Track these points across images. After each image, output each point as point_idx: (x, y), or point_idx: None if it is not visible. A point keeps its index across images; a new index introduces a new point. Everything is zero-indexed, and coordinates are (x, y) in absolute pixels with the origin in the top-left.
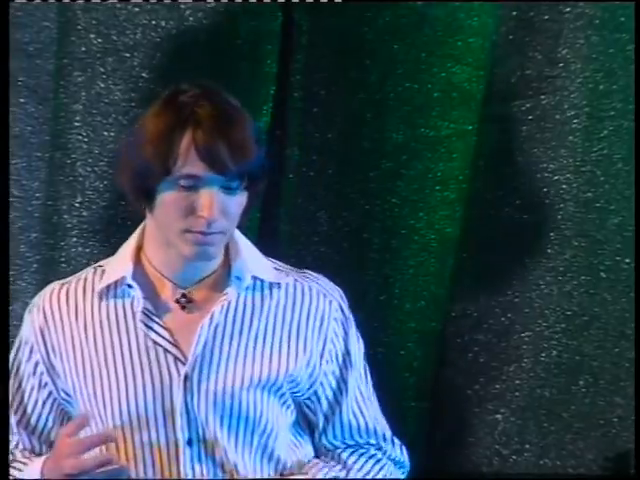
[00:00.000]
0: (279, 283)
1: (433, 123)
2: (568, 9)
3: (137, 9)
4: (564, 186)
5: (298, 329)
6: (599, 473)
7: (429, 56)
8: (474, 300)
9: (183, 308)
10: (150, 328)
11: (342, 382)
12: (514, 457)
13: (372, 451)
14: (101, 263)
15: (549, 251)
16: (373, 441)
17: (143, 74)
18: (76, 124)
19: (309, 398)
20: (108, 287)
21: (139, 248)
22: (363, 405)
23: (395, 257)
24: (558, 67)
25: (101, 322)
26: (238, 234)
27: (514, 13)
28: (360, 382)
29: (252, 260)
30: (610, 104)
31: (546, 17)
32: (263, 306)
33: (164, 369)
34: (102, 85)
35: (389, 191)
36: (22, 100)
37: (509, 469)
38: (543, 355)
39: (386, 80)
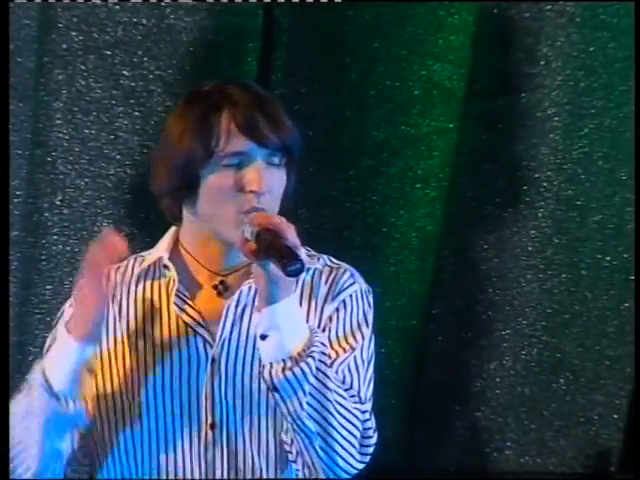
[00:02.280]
0: (308, 268)
1: (414, 121)
2: (549, 7)
3: (118, 7)
4: (545, 184)
5: (322, 312)
6: (580, 471)
7: (410, 54)
8: (455, 298)
9: (219, 294)
10: (183, 310)
11: (345, 342)
12: (495, 455)
13: (352, 392)
14: (142, 253)
15: (529, 249)
16: (354, 393)
17: (124, 72)
18: (57, 122)
19: None
20: (147, 269)
21: (176, 241)
22: (355, 371)
23: (376, 255)
24: (539, 65)
25: (136, 302)
26: None
27: (495, 11)
28: (361, 356)
29: None
30: (591, 102)
31: (527, 15)
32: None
33: (193, 351)
34: (83, 83)
35: (370, 189)
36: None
37: (490, 467)
38: (524, 353)
39: (367, 78)
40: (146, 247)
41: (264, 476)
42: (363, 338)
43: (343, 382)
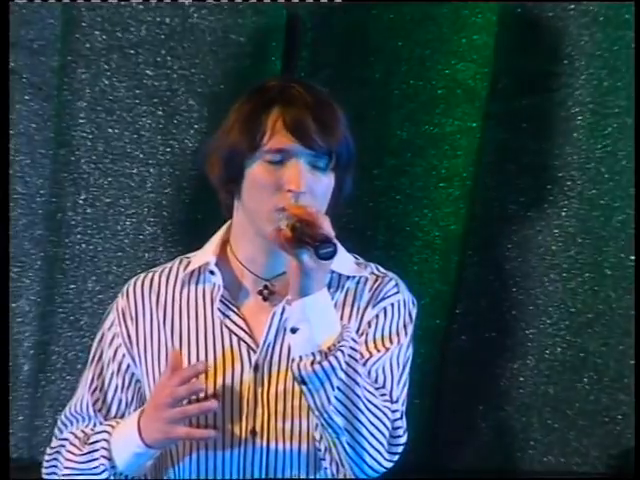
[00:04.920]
0: (355, 276)
1: (437, 120)
2: (572, 6)
3: (141, 6)
4: (568, 183)
5: (362, 318)
6: (603, 470)
7: (433, 53)
8: (478, 297)
9: (265, 299)
10: (227, 316)
11: (381, 344)
12: (518, 454)
13: (383, 391)
14: (188, 255)
15: (553, 248)
16: (385, 392)
17: (147, 71)
18: (80, 121)
19: None
20: (191, 273)
21: (225, 242)
22: (389, 371)
23: (399, 254)
24: (562, 64)
25: (180, 307)
26: None
27: (518, 10)
28: (396, 360)
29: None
30: (614, 101)
31: (550, 14)
32: (337, 298)
33: (236, 357)
34: (106, 82)
35: (393, 188)
36: (26, 97)
37: (513, 466)
38: (547, 352)
39: (390, 77)
40: (169, 247)
41: None
42: (400, 342)
43: (376, 381)
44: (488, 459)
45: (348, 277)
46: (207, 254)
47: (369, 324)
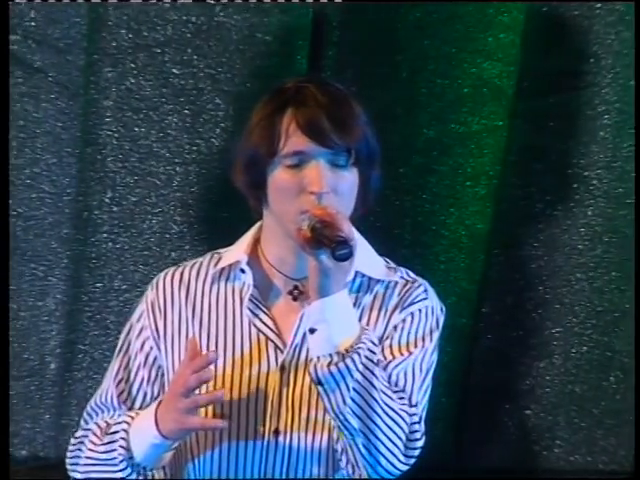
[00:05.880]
0: (384, 280)
1: (464, 119)
2: (599, 5)
3: (168, 5)
4: (595, 182)
5: (389, 321)
6: (630, 469)
7: (460, 52)
8: (504, 296)
9: (295, 299)
10: (256, 315)
11: (405, 349)
12: (545, 453)
13: (401, 395)
14: (219, 251)
15: (580, 247)
16: (404, 395)
17: (174, 70)
18: (107, 120)
19: None
20: (222, 270)
21: (256, 241)
22: (411, 375)
23: (425, 253)
24: (588, 63)
25: (210, 304)
26: (355, 231)
27: (545, 9)
28: (419, 364)
29: (362, 257)
30: None
31: (576, 13)
32: (366, 301)
33: (263, 357)
34: (133, 81)
35: (420, 187)
36: (53, 96)
37: (540, 465)
38: (574, 351)
39: (417, 76)
40: (196, 245)
41: None
42: (424, 347)
43: (396, 384)
44: (514, 458)
45: (378, 281)
46: (239, 252)
47: (395, 328)
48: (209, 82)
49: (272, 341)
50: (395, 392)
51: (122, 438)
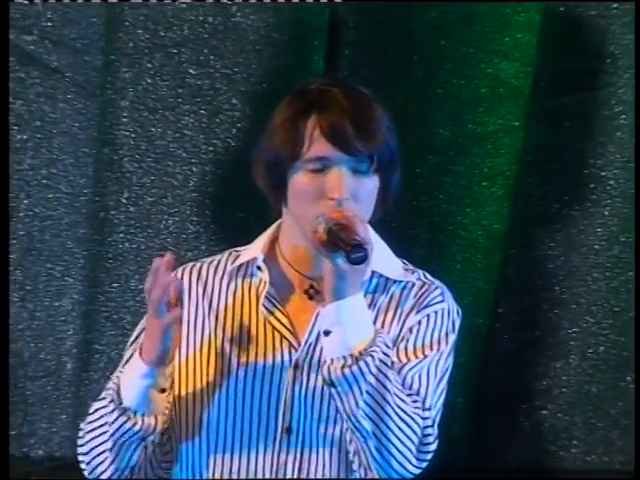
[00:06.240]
0: (401, 281)
1: (480, 119)
2: (615, 5)
3: (184, 5)
4: (611, 182)
5: (404, 323)
6: (631, 468)
7: (476, 52)
8: (521, 296)
9: (311, 298)
10: (271, 313)
11: (420, 352)
12: (561, 453)
13: (415, 398)
14: (237, 249)
15: (596, 247)
16: (418, 399)
17: (190, 70)
18: (123, 120)
19: None
20: (239, 267)
21: (274, 240)
22: (425, 378)
23: (442, 253)
24: (605, 63)
25: (226, 300)
26: (372, 232)
27: (561, 9)
28: (433, 369)
29: (379, 257)
30: None
31: (593, 13)
32: (381, 302)
33: (277, 355)
34: (149, 81)
35: (436, 187)
36: (70, 96)
37: (556, 465)
38: (590, 351)
39: (433, 76)
40: (212, 246)
41: None
42: (439, 351)
43: (410, 387)
44: (531, 458)
45: (394, 281)
46: (256, 250)
47: (410, 330)
48: (225, 82)
49: (286, 339)
50: (409, 395)
51: (114, 383)
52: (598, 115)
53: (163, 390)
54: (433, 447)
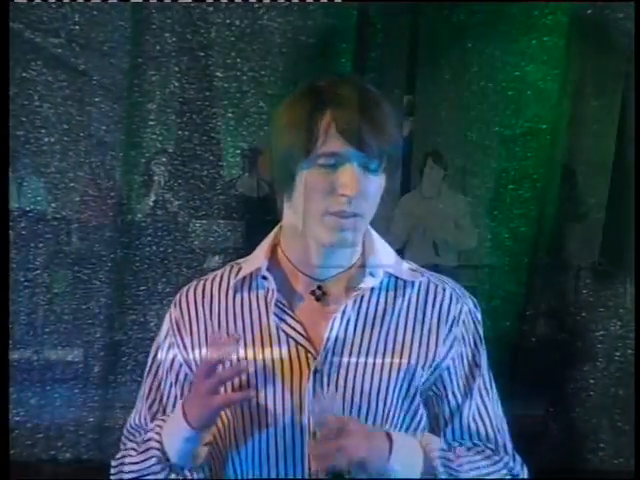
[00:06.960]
0: (413, 282)
1: (508, 121)
2: None
3: (211, 8)
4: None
5: (429, 328)
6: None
7: (504, 54)
8: (549, 299)
9: (317, 300)
10: (283, 320)
11: (466, 386)
12: (589, 456)
13: (488, 452)
14: (238, 261)
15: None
16: (492, 446)
17: (217, 73)
18: (150, 123)
19: (431, 399)
20: (243, 279)
21: (275, 245)
22: (484, 412)
23: (469, 256)
24: (633, 64)
25: (234, 314)
26: (374, 232)
27: (589, 11)
28: (484, 389)
29: (387, 257)
30: None
31: (620, 15)
32: (395, 303)
33: (295, 362)
34: (176, 84)
35: (463, 190)
36: (97, 99)
37: (584, 468)
38: (617, 354)
39: (460, 78)
40: (239, 248)
41: None
42: (480, 373)
43: (477, 431)
44: (558, 461)
45: (406, 282)
46: (258, 259)
47: (446, 355)
48: (253, 85)
49: (302, 345)
50: (481, 453)
51: (156, 441)
52: (625, 117)
53: (208, 443)
54: (525, 473)
